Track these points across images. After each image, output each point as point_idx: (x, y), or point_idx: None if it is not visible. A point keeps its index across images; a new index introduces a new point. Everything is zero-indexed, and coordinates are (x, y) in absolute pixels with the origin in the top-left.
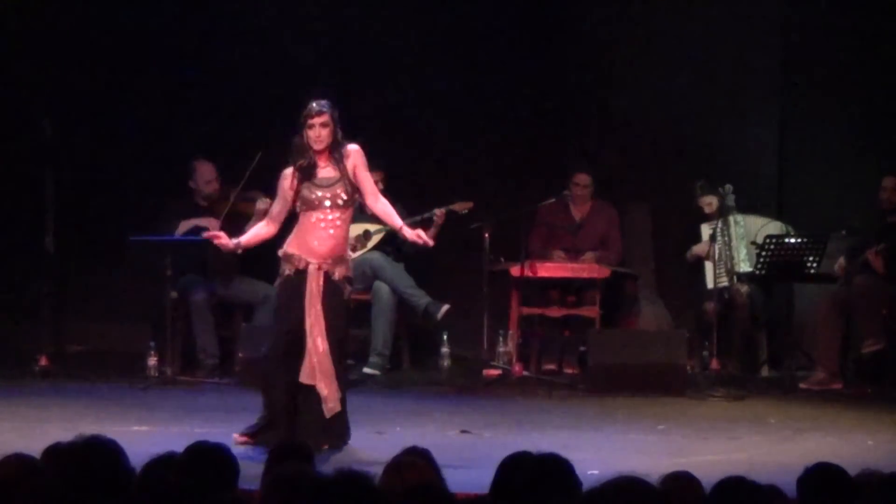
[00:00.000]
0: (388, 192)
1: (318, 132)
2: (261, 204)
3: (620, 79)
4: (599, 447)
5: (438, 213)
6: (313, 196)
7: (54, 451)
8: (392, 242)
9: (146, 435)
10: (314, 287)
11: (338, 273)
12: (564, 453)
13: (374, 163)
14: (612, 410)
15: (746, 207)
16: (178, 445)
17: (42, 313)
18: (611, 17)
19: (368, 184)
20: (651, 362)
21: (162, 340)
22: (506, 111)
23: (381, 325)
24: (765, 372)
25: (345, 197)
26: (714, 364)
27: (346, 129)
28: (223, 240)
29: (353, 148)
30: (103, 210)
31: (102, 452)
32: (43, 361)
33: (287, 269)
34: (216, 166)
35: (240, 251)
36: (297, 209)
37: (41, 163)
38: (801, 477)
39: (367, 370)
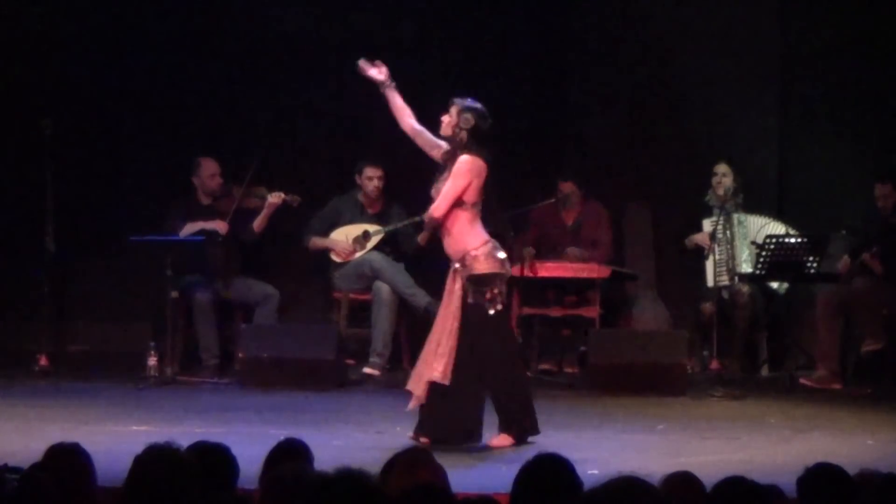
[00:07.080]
0: (387, 192)
1: None
2: (272, 198)
3: (620, 78)
4: (599, 447)
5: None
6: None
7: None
8: (392, 242)
9: (146, 435)
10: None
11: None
12: (564, 453)
13: (374, 160)
14: (612, 410)
15: (748, 207)
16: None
17: (42, 313)
18: (611, 18)
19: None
20: (651, 362)
21: (162, 340)
22: (505, 111)
23: (381, 325)
24: (765, 372)
25: None
26: (714, 364)
27: (346, 128)
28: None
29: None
30: (103, 210)
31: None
32: (43, 361)
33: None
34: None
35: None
36: (465, 203)
37: (41, 163)
38: (801, 477)
39: (367, 370)
